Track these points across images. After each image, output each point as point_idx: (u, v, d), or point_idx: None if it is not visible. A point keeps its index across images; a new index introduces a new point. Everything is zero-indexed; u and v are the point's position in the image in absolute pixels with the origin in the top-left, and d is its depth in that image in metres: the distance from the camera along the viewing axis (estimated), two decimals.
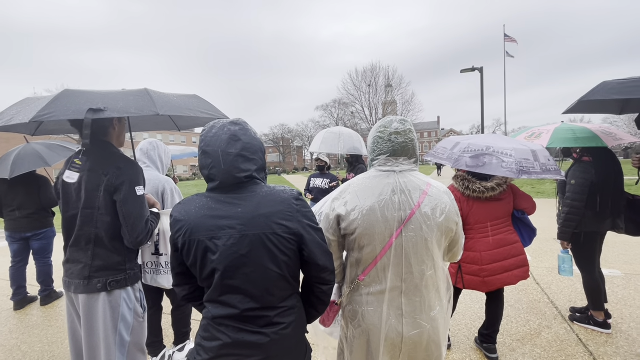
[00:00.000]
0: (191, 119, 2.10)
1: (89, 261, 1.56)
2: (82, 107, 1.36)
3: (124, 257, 1.63)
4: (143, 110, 1.44)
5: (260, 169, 1.14)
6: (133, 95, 1.53)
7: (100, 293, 1.56)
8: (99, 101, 1.39)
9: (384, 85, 47.61)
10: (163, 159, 2.42)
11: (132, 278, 1.66)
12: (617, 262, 4.38)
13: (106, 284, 1.56)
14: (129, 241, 1.59)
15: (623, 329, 2.73)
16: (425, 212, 1.21)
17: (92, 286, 1.54)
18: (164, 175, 2.35)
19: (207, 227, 1.03)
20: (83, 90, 1.52)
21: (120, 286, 1.60)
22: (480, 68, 14.39)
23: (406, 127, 1.30)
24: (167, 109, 1.52)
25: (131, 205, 1.56)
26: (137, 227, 1.57)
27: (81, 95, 1.44)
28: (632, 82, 2.00)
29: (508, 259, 2.22)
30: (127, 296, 1.63)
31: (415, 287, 1.23)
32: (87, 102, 1.38)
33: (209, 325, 1.07)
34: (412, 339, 1.22)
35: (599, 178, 2.58)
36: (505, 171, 1.93)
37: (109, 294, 1.57)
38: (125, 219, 1.56)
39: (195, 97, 1.86)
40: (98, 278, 1.55)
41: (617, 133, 2.79)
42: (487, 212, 2.26)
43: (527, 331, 2.78)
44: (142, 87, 1.63)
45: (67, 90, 1.49)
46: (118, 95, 1.51)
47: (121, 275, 1.60)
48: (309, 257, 1.09)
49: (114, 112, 1.38)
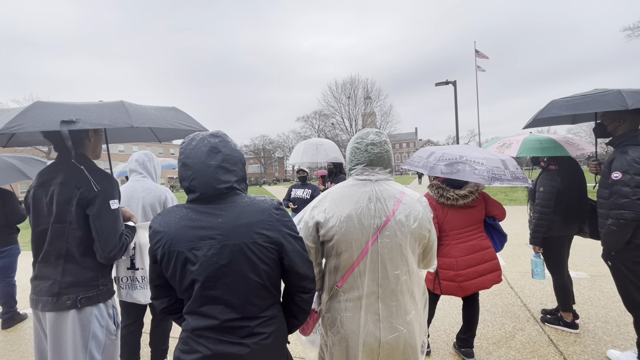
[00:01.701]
0: (171, 131, 2.11)
1: (58, 277, 1.50)
2: (53, 118, 1.34)
3: (97, 273, 1.58)
4: (117, 122, 1.43)
5: (241, 180, 1.16)
6: (108, 108, 1.52)
7: (70, 311, 1.49)
8: (71, 113, 1.37)
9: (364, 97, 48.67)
10: (157, 170, 2.46)
11: (105, 294, 1.60)
12: (584, 265, 4.63)
13: (77, 301, 1.50)
14: (102, 256, 1.55)
15: (590, 329, 2.88)
16: (399, 220, 1.27)
17: (62, 303, 1.48)
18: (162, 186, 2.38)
19: (188, 238, 1.04)
20: (55, 102, 1.49)
21: (92, 303, 1.54)
22: (454, 82, 15.05)
23: (382, 139, 1.37)
24: (142, 121, 1.52)
25: (104, 220, 1.53)
26: (110, 241, 1.54)
27: (53, 107, 1.42)
28: (576, 100, 2.25)
29: (482, 264, 2.32)
30: (99, 313, 1.57)
31: (392, 292, 1.27)
32: (59, 114, 1.36)
33: (188, 337, 1.06)
34: (390, 344, 1.25)
35: (564, 185, 2.77)
36: (478, 178, 2.05)
37: (80, 311, 1.51)
38: (98, 233, 1.52)
39: (174, 109, 1.86)
40: (68, 295, 1.50)
41: (579, 143, 3.03)
42: (461, 219, 2.36)
43: (503, 334, 2.87)
44: (118, 100, 1.62)
45: (38, 102, 1.46)
46: (92, 108, 1.49)
47: (93, 291, 1.55)
48: (289, 265, 1.11)
49: (87, 124, 1.37)
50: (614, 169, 2.10)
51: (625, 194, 2.02)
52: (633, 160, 2.03)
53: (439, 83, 15.52)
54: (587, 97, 2.19)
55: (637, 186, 1.99)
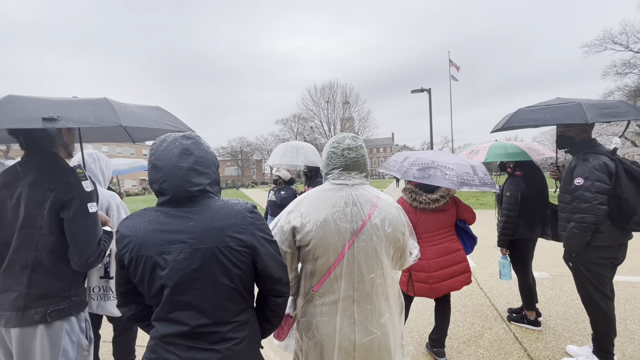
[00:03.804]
0: (148, 130, 1.96)
1: (24, 289, 1.36)
2: (31, 115, 1.22)
3: (69, 283, 1.45)
4: (104, 121, 1.32)
5: (214, 183, 1.14)
6: (91, 105, 1.40)
7: (38, 326, 1.36)
8: (50, 110, 1.25)
9: (342, 102, 49.26)
10: (105, 173, 2.20)
11: (77, 306, 1.47)
12: (546, 266, 4.91)
13: (46, 315, 1.36)
14: (78, 264, 1.41)
15: (551, 326, 3.06)
16: (375, 224, 1.29)
17: (29, 318, 1.34)
18: (108, 190, 2.18)
19: (157, 242, 1.00)
20: (30, 96, 1.37)
21: (63, 316, 1.41)
22: (429, 90, 15.56)
23: (358, 144, 1.39)
24: (130, 120, 1.41)
25: (82, 224, 1.41)
26: (88, 247, 1.41)
27: (28, 102, 1.30)
28: (541, 110, 2.40)
29: (452, 266, 2.40)
30: (70, 328, 1.44)
31: (367, 295, 1.29)
32: (38, 110, 1.24)
33: (156, 345, 1.02)
34: (364, 346, 1.27)
35: (528, 190, 2.94)
36: (448, 183, 2.13)
37: (49, 326, 1.37)
38: (74, 239, 1.39)
39: (158, 109, 1.76)
40: (36, 308, 1.36)
41: (540, 149, 3.24)
42: (433, 222, 2.43)
43: (472, 333, 2.98)
44: (101, 97, 1.50)
45: (11, 95, 1.34)
46: (73, 104, 1.37)
47: (65, 303, 1.42)
48: (263, 269, 1.10)
49: (70, 122, 1.25)
50: (576, 175, 2.25)
51: (587, 199, 2.16)
52: (594, 167, 2.18)
53: (415, 90, 15.99)
54: (551, 108, 2.35)
55: (598, 191, 2.13)
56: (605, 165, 2.17)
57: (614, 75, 21.59)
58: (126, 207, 2.15)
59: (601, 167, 2.16)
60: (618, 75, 21.51)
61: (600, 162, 2.18)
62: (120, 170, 5.21)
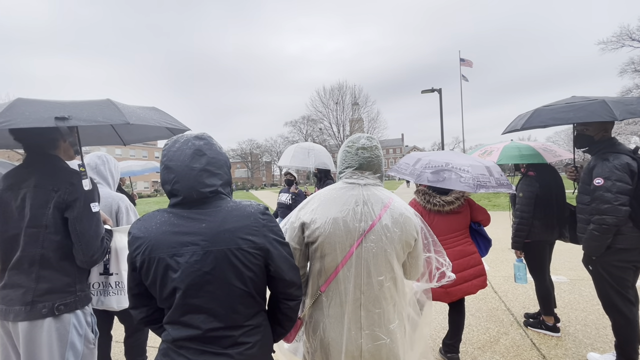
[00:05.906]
0: (140, 132, 2.04)
1: (32, 285, 1.42)
2: (43, 115, 1.27)
3: (74, 278, 1.51)
4: (112, 119, 1.39)
5: (226, 184, 1.13)
6: (97, 105, 1.47)
7: (46, 319, 1.41)
8: (60, 110, 1.31)
9: (351, 103, 49.16)
10: (114, 175, 2.20)
11: (82, 300, 1.54)
12: (563, 269, 4.76)
13: (53, 309, 1.42)
14: (83, 260, 1.49)
15: (571, 332, 2.95)
16: (385, 225, 1.26)
17: (37, 312, 1.40)
18: (117, 192, 2.18)
19: (169, 244, 0.99)
20: (38, 99, 1.43)
21: (70, 310, 1.47)
22: (439, 90, 15.39)
23: (373, 144, 1.38)
24: (134, 118, 1.47)
25: (86, 223, 1.47)
26: (92, 245, 1.48)
27: (38, 104, 1.36)
28: (561, 108, 2.28)
29: (468, 269, 2.34)
30: (77, 321, 1.50)
31: (375, 298, 1.25)
32: (49, 110, 1.30)
33: (169, 349, 1.01)
34: (371, 352, 1.23)
35: (542, 191, 2.85)
36: (464, 186, 2.07)
37: (56, 319, 1.43)
38: (79, 237, 1.46)
39: (154, 109, 1.81)
40: (43, 303, 1.42)
41: (556, 150, 3.13)
42: (447, 225, 2.38)
43: (487, 339, 2.90)
44: (105, 98, 1.56)
45: (20, 98, 1.39)
46: (80, 105, 1.44)
47: (71, 297, 1.48)
48: (275, 272, 1.08)
49: (80, 120, 1.31)
50: (595, 175, 2.16)
51: (607, 199, 2.07)
52: (614, 167, 2.09)
53: (425, 90, 15.84)
54: (573, 106, 2.22)
55: (619, 192, 2.05)
56: (627, 165, 2.08)
57: (632, 72, 20.99)
58: (135, 210, 2.18)
59: (622, 167, 2.08)
60: (637, 73, 20.90)
61: (622, 161, 2.09)
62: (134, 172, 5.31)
